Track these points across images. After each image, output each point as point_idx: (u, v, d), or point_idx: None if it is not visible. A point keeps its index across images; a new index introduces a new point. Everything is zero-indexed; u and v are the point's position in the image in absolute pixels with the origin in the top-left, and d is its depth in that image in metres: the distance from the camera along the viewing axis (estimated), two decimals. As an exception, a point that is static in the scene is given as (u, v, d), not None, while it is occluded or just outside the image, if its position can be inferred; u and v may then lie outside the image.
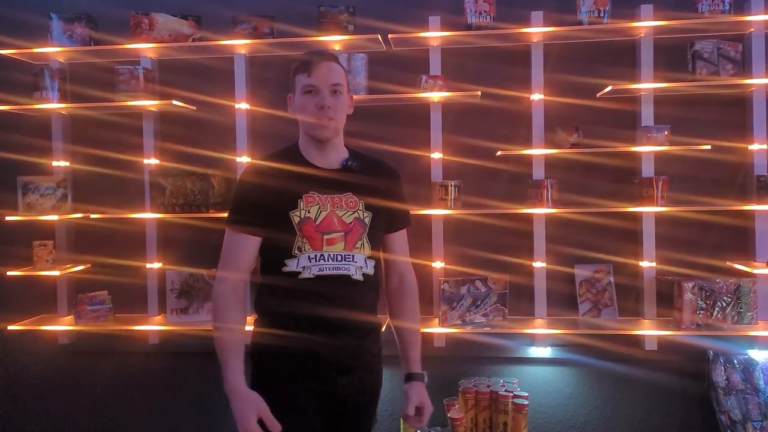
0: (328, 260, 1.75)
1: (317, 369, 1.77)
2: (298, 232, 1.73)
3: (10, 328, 2.87)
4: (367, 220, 1.81)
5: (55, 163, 2.96)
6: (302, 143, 1.85)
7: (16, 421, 3.12)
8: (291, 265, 1.74)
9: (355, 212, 1.79)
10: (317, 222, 1.75)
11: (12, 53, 2.85)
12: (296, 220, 1.74)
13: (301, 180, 1.77)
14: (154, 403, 3.04)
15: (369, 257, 1.81)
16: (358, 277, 1.79)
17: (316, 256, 1.74)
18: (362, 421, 1.90)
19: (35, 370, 3.09)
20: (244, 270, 1.77)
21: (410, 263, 1.97)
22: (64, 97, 2.83)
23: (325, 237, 1.76)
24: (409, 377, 1.88)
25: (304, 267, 1.74)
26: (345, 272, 1.77)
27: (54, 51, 2.85)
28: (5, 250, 2.95)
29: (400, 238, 1.94)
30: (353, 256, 1.78)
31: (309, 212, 1.75)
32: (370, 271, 1.82)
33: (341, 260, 1.77)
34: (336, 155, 1.84)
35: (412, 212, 2.69)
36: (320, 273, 1.75)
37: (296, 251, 1.74)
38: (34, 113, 2.94)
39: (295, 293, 1.74)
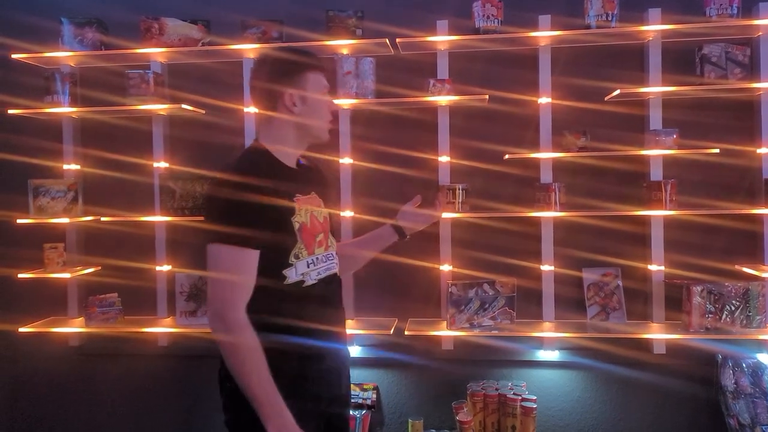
0: (319, 263, 1.73)
1: (327, 372, 1.75)
2: (298, 239, 1.66)
3: (21, 329, 2.89)
4: (329, 216, 1.83)
5: (65, 167, 2.99)
6: (278, 144, 1.73)
7: (26, 422, 3.14)
8: (291, 275, 1.65)
9: (322, 211, 1.79)
10: (308, 225, 1.70)
11: (23, 57, 2.87)
12: (297, 225, 1.66)
13: (286, 185, 1.68)
14: (163, 405, 3.05)
15: (335, 252, 1.84)
16: (339, 272, 1.83)
17: (313, 260, 1.71)
18: (347, 415, 1.93)
19: (45, 372, 3.11)
20: (252, 289, 1.59)
21: None
22: (74, 101, 2.86)
23: (316, 239, 1.73)
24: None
25: (303, 274, 1.68)
26: (333, 270, 1.79)
27: (65, 55, 2.88)
28: (16, 253, 2.97)
29: None
30: (332, 253, 1.80)
31: (302, 216, 1.69)
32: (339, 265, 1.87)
33: (326, 260, 1.76)
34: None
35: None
36: (319, 277, 1.72)
37: (293, 259, 1.66)
38: (45, 117, 2.97)
39: (300, 302, 1.67)
